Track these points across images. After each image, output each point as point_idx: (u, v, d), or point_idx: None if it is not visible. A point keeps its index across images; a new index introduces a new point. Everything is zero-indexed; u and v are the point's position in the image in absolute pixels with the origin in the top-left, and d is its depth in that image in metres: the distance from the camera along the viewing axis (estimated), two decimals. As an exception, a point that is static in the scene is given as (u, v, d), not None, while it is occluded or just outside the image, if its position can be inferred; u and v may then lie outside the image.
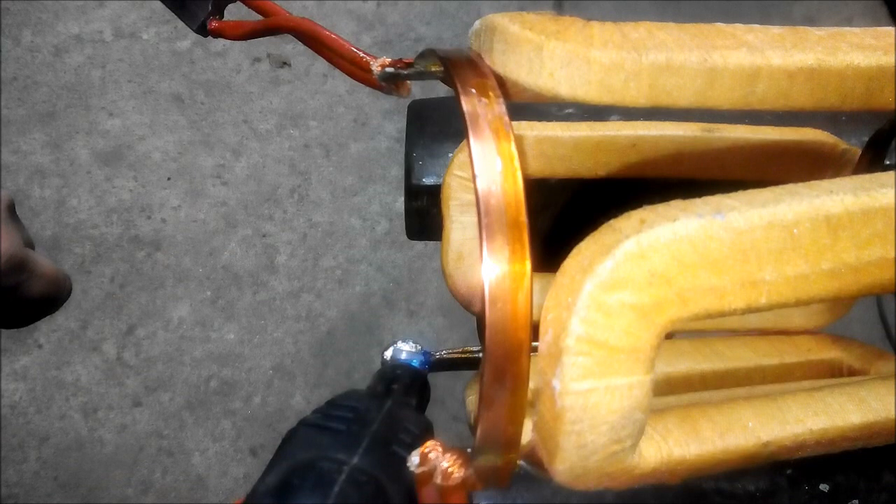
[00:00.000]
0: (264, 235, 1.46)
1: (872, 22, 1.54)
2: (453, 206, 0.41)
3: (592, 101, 0.28)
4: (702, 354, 0.43)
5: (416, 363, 0.39)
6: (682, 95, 0.28)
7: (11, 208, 0.38)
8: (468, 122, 0.24)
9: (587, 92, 0.27)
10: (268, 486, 0.27)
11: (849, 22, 1.77)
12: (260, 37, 0.41)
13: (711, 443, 0.27)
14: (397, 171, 1.54)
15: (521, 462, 0.26)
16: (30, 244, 0.38)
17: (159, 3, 0.45)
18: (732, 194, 0.24)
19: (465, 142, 0.25)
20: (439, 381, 0.43)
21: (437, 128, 0.53)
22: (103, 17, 1.68)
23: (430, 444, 0.27)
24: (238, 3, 0.43)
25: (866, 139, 0.42)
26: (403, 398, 0.33)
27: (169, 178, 1.51)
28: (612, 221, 0.24)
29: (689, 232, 0.23)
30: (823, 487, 0.40)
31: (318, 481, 0.26)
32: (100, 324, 1.36)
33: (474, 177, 0.23)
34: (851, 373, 0.43)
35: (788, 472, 0.40)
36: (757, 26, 0.29)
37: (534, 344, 0.23)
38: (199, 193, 1.50)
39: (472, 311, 0.42)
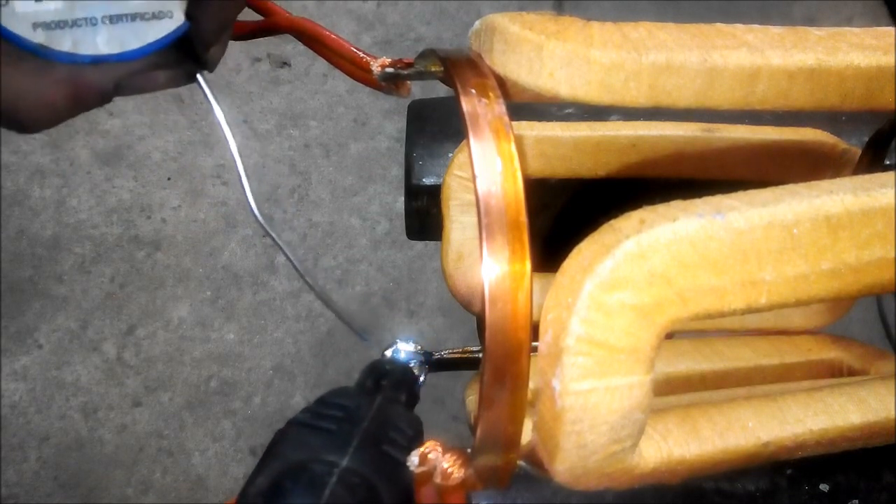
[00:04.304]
0: (264, 235, 1.46)
1: (872, 22, 1.53)
2: (453, 206, 0.41)
3: (592, 101, 0.28)
4: (702, 354, 0.43)
5: (414, 363, 0.39)
6: (682, 95, 0.28)
7: None
8: (468, 123, 0.24)
9: (587, 92, 0.27)
10: (258, 489, 0.27)
11: (849, 22, 1.77)
12: (260, 37, 0.41)
13: (711, 443, 0.27)
14: (397, 171, 1.54)
15: (521, 462, 0.26)
16: None
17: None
18: (732, 194, 0.24)
19: (465, 142, 0.25)
20: (439, 381, 0.43)
21: (437, 128, 0.53)
22: (103, 17, 1.67)
23: (429, 444, 0.27)
24: (238, 3, 0.43)
25: (866, 139, 0.42)
26: (393, 394, 0.33)
27: (169, 178, 1.51)
28: (612, 221, 0.24)
29: (690, 232, 0.23)
30: (823, 487, 0.40)
31: (309, 483, 0.26)
32: (100, 324, 1.36)
33: (474, 177, 0.23)
34: (851, 373, 0.43)
35: (788, 472, 0.40)
36: (757, 26, 0.30)
37: (534, 344, 0.23)
38: (199, 193, 1.50)
39: (472, 311, 0.42)
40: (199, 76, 0.32)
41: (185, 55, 0.31)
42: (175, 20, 0.30)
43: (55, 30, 0.28)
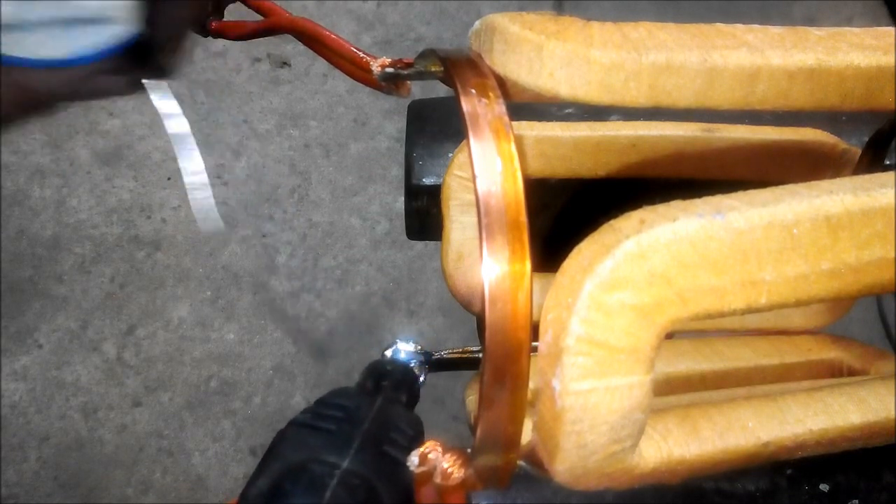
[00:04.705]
0: (264, 235, 1.46)
1: (872, 22, 1.53)
2: (453, 206, 0.41)
3: (592, 101, 0.28)
4: (702, 354, 0.43)
5: (414, 363, 0.39)
6: (682, 95, 0.28)
7: None
8: (468, 123, 0.24)
9: (587, 92, 0.27)
10: (259, 490, 0.27)
11: (849, 22, 1.77)
12: (260, 37, 0.41)
13: (711, 443, 0.27)
14: (397, 171, 1.54)
15: (521, 462, 0.26)
16: None
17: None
18: (732, 194, 0.24)
19: (465, 142, 0.25)
20: (439, 382, 0.43)
21: (437, 128, 0.53)
22: (103, 17, 1.67)
23: (429, 444, 0.27)
24: (238, 3, 0.43)
25: (866, 139, 0.42)
26: (393, 395, 0.33)
27: (169, 178, 1.51)
28: (612, 221, 0.24)
29: (690, 232, 0.23)
30: (823, 487, 0.40)
31: (310, 485, 0.26)
32: (100, 324, 1.36)
33: (474, 177, 0.23)
34: (851, 373, 0.43)
35: (788, 472, 0.40)
36: (757, 26, 0.29)
37: (534, 344, 0.23)
38: (199, 193, 1.50)
39: (472, 311, 0.42)
40: (144, 82, 0.32)
41: (137, 62, 0.31)
42: (127, 27, 0.29)
43: (4, 33, 0.27)
